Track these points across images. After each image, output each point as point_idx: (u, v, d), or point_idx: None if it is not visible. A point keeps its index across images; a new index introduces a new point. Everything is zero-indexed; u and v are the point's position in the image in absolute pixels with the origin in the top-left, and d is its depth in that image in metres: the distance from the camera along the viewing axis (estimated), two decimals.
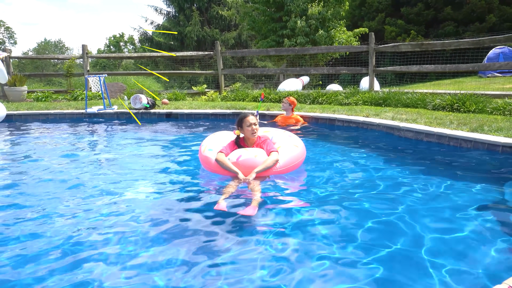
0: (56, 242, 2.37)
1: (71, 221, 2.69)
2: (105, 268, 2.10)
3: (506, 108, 5.86)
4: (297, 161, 3.72)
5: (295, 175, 3.73)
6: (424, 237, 2.37)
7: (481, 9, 18.50)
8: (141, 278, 2.02)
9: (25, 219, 2.74)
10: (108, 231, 2.54)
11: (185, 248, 2.30)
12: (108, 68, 45.44)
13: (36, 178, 3.79)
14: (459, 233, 2.44)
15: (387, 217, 2.67)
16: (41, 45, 62.27)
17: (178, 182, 3.69)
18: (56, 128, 7.06)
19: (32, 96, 10.63)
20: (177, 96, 10.21)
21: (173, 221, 2.69)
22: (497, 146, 4.22)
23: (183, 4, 23.01)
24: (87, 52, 11.20)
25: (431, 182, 3.43)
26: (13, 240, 2.43)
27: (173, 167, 4.26)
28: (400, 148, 4.94)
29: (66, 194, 3.27)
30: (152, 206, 3.06)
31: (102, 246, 2.34)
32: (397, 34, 19.98)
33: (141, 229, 2.57)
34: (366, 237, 2.38)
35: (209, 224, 2.62)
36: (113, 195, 3.24)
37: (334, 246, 2.27)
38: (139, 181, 3.68)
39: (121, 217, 2.77)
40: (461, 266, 2.04)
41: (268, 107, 7.96)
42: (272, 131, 4.18)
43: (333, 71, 10.03)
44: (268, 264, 2.11)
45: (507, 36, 6.56)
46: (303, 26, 12.55)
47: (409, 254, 2.17)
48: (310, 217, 2.71)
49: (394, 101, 7.52)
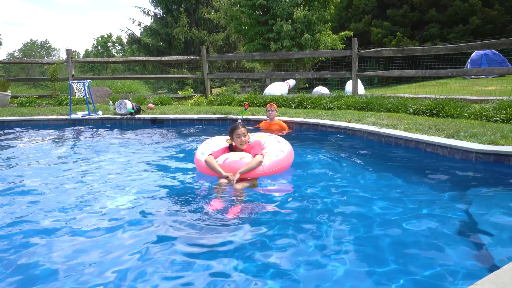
0: (39, 250, 2.41)
1: (51, 234, 2.71)
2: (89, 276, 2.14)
3: (482, 113, 6.02)
4: (283, 164, 4.00)
5: (279, 181, 3.89)
6: (389, 240, 2.47)
7: (465, 11, 18.83)
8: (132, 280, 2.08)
9: (9, 228, 2.76)
10: (92, 238, 2.59)
11: (178, 248, 2.44)
12: (96, 69, 45.11)
13: (16, 187, 3.79)
14: (421, 238, 2.54)
15: (356, 220, 2.76)
16: (27, 45, 61.42)
17: (166, 187, 3.76)
18: (39, 135, 7.02)
19: (16, 101, 10.52)
20: (163, 100, 10.21)
21: (161, 222, 2.83)
22: (471, 152, 4.34)
23: (171, 6, 22.97)
24: (72, 56, 11.14)
25: (404, 188, 3.54)
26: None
27: (159, 173, 4.29)
28: (379, 154, 5.05)
29: (46, 203, 3.28)
30: (139, 212, 3.09)
31: (90, 251, 2.38)
32: (383, 35, 20.22)
33: (126, 236, 2.62)
34: (332, 233, 2.48)
35: (198, 224, 2.72)
36: (97, 202, 3.28)
37: (310, 247, 2.35)
38: (124, 188, 3.70)
39: (104, 223, 2.82)
40: (421, 272, 2.13)
41: (253, 112, 8.03)
42: (265, 136, 4.54)
43: (317, 76, 10.14)
44: (248, 264, 2.22)
45: (483, 43, 6.75)
46: (289, 30, 12.66)
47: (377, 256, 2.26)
48: (288, 218, 2.83)
49: (376, 106, 7.65)
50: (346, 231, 2.71)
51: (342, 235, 2.63)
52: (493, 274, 1.71)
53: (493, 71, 8.25)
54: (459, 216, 2.91)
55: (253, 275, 2.17)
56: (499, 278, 1.65)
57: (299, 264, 2.27)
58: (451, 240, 2.53)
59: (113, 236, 2.67)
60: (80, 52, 63.02)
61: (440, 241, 2.51)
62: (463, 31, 18.76)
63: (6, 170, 4.56)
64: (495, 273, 1.72)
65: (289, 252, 2.43)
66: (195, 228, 2.75)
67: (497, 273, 1.72)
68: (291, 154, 4.18)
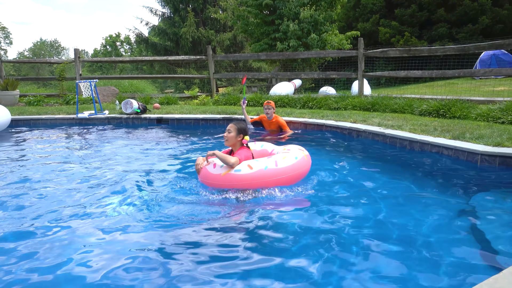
0: (44, 246, 2.44)
1: (59, 232, 2.74)
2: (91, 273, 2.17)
3: (489, 114, 5.95)
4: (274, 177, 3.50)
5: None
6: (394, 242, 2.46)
7: (474, 11, 18.62)
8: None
9: (20, 227, 2.80)
10: (99, 237, 2.62)
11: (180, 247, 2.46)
12: (104, 68, 45.49)
13: (23, 184, 3.84)
14: (425, 238, 2.52)
15: (359, 222, 2.75)
16: (36, 45, 62.17)
17: (170, 186, 3.77)
18: (46, 134, 7.10)
19: (24, 100, 10.65)
20: (169, 100, 10.26)
21: (166, 221, 2.83)
22: (476, 154, 4.29)
23: (178, 5, 23.05)
24: (79, 56, 11.24)
25: (408, 189, 3.51)
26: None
27: (163, 172, 4.31)
28: (383, 155, 5.01)
29: (52, 201, 3.32)
30: (143, 212, 3.11)
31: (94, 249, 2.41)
32: (391, 35, 20.08)
33: (125, 236, 2.64)
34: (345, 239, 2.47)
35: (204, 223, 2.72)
36: (101, 201, 3.31)
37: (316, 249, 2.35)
38: (128, 186, 3.72)
39: (110, 222, 2.84)
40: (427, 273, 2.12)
41: (258, 112, 8.03)
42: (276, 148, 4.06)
43: (323, 76, 10.11)
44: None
45: (491, 43, 6.66)
46: (295, 30, 12.64)
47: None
48: (288, 220, 2.81)
49: (382, 106, 7.61)
50: (349, 230, 2.70)
51: (345, 235, 2.63)
52: (492, 278, 1.69)
53: (501, 71, 8.12)
54: (462, 219, 2.89)
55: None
56: (497, 282, 1.63)
57: (302, 265, 2.27)
58: (453, 243, 2.51)
59: (115, 235, 2.69)
60: (89, 51, 63.64)
61: (442, 243, 2.49)
62: (472, 30, 18.56)
63: (14, 168, 4.62)
64: (494, 277, 1.70)
65: (289, 252, 2.43)
66: (195, 225, 2.76)
67: (496, 277, 1.70)
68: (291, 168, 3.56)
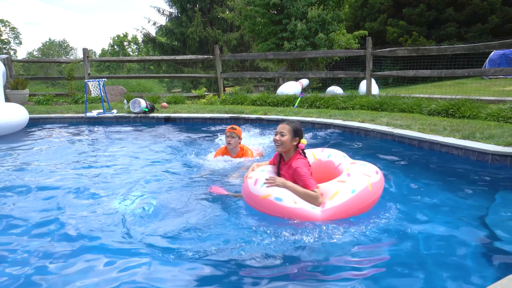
0: (56, 245, 2.46)
1: (71, 229, 2.76)
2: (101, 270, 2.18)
3: (500, 114, 5.88)
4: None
5: None
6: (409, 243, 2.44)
7: (483, 10, 18.41)
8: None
9: (26, 225, 2.83)
10: (107, 234, 2.63)
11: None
12: (112, 68, 45.82)
13: (34, 184, 3.87)
14: (437, 240, 2.50)
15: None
16: (45, 45, 62.77)
17: (177, 184, 3.78)
18: (56, 132, 7.17)
19: (33, 99, 10.76)
20: (177, 99, 10.30)
21: (173, 219, 2.80)
22: (487, 154, 4.25)
23: (186, 5, 23.11)
24: (88, 55, 11.32)
25: (418, 190, 3.48)
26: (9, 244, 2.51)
27: (171, 170, 4.31)
28: (392, 154, 4.97)
29: (62, 200, 3.34)
30: (150, 209, 3.12)
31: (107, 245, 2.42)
32: (399, 35, 19.93)
33: (139, 232, 2.65)
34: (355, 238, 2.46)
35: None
36: (109, 200, 3.33)
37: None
38: (136, 185, 3.73)
39: (110, 220, 2.85)
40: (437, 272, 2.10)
41: (265, 111, 8.02)
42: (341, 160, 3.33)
43: (331, 75, 10.07)
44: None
45: (501, 42, 6.58)
46: (303, 29, 12.61)
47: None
48: None
49: (390, 106, 7.56)
50: (350, 229, 2.68)
51: (350, 235, 2.61)
52: (506, 279, 1.68)
53: (511, 71, 8.04)
54: (473, 219, 2.86)
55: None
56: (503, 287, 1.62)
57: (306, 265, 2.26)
58: (462, 243, 2.48)
59: (122, 232, 2.70)
60: (97, 51, 64.04)
61: (452, 244, 2.47)
62: (481, 30, 18.35)
63: (23, 166, 4.66)
64: (508, 278, 1.69)
65: (291, 250, 2.42)
66: (202, 224, 2.76)
67: (510, 277, 1.69)
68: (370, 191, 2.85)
